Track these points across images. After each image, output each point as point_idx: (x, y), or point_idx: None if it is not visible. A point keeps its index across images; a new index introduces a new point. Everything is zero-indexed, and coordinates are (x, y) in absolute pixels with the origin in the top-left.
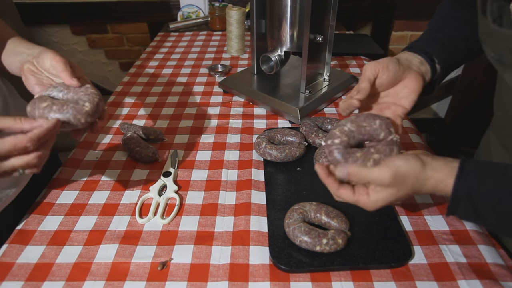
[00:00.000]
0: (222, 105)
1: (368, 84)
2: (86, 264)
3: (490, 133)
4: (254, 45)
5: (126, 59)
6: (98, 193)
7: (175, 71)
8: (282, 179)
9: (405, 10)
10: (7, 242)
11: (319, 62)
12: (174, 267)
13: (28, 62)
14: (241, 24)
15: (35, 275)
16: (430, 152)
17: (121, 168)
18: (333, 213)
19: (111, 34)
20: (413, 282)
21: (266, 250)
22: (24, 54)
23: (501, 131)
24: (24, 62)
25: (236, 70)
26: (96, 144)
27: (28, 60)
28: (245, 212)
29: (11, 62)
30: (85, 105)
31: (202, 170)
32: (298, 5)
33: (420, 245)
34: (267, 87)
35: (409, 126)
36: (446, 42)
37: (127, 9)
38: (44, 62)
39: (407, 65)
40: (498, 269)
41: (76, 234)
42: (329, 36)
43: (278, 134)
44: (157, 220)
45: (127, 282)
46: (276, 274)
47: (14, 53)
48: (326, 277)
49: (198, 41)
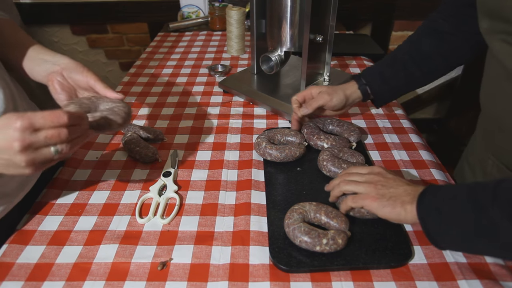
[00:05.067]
0: (222, 105)
1: (312, 110)
2: (86, 264)
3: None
4: (254, 45)
5: (126, 59)
6: (98, 193)
7: (175, 71)
8: (282, 179)
9: (405, 10)
10: (7, 242)
11: (319, 62)
12: (174, 267)
13: (57, 73)
14: (241, 24)
15: (35, 275)
16: (430, 152)
17: (121, 168)
18: (333, 213)
19: (111, 34)
20: (413, 282)
21: (266, 250)
22: (48, 62)
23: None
24: (51, 72)
25: (236, 70)
26: (96, 144)
27: (56, 71)
28: (245, 212)
29: (35, 70)
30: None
31: (202, 170)
32: (298, 5)
33: (420, 245)
34: (267, 87)
35: (409, 126)
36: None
37: (127, 9)
38: (78, 79)
39: (350, 102)
40: (498, 269)
41: (76, 234)
42: (329, 36)
43: (278, 134)
44: (157, 220)
45: (127, 282)
46: (276, 274)
47: (37, 61)
48: (326, 277)
49: (198, 41)
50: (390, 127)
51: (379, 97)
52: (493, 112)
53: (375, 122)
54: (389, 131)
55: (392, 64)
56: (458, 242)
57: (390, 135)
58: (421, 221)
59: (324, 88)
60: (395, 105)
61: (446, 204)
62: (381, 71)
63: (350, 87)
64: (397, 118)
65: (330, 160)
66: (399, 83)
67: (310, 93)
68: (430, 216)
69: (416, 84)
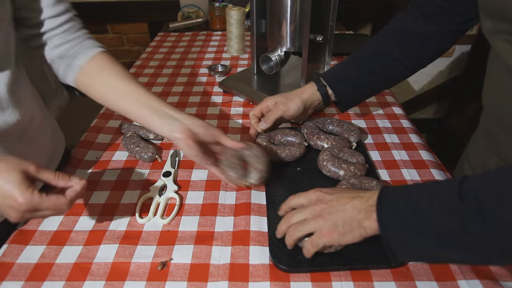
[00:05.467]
0: (222, 105)
1: (270, 123)
2: (86, 264)
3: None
4: (254, 45)
5: (126, 59)
6: (98, 193)
7: (175, 71)
8: (282, 179)
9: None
10: (7, 242)
11: (319, 62)
12: (174, 267)
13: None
14: (241, 24)
15: (35, 275)
16: (430, 152)
17: (121, 168)
18: None
19: (111, 34)
20: (413, 282)
21: (266, 250)
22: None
23: (489, 125)
24: (183, 130)
25: (236, 70)
26: (96, 144)
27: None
28: (245, 212)
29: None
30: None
31: (202, 170)
32: (298, 5)
33: None
34: (267, 87)
35: (409, 126)
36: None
37: (127, 9)
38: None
39: (309, 105)
40: (498, 269)
41: (76, 234)
42: (329, 36)
43: (279, 134)
44: (157, 220)
45: (127, 282)
46: (276, 274)
47: (161, 113)
48: (326, 277)
49: (198, 41)
50: (390, 127)
51: (342, 100)
52: (496, 112)
53: (375, 122)
54: (389, 131)
55: (354, 65)
56: (424, 250)
57: (390, 135)
58: (382, 233)
59: (279, 98)
60: (395, 105)
61: (410, 211)
62: (343, 71)
63: (307, 91)
64: (397, 118)
65: (330, 160)
66: (363, 84)
67: (266, 106)
68: (392, 225)
69: (380, 86)
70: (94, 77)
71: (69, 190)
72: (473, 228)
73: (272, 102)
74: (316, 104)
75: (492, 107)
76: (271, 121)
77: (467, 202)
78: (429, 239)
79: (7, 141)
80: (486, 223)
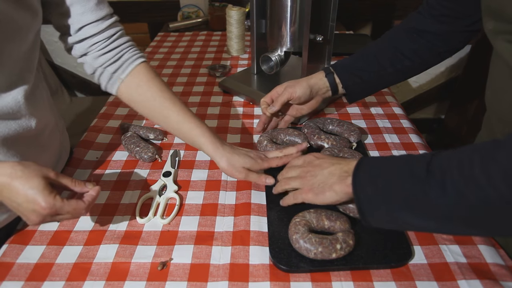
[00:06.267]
0: (222, 105)
1: (279, 107)
2: (86, 264)
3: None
4: (254, 45)
5: None
6: None
7: (175, 71)
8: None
9: (405, 10)
10: (7, 242)
11: (319, 62)
12: (174, 267)
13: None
14: (241, 24)
15: (35, 275)
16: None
17: (121, 168)
18: (333, 215)
19: None
20: (413, 282)
21: (266, 250)
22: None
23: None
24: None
25: (236, 70)
26: (96, 144)
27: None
28: (245, 212)
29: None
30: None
31: (202, 170)
32: (298, 5)
33: (420, 245)
34: (267, 87)
35: (409, 126)
36: (363, 70)
37: (127, 9)
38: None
39: (316, 91)
40: (498, 269)
41: (76, 234)
42: (329, 36)
43: (282, 134)
44: (157, 220)
45: (127, 282)
46: (276, 274)
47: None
48: (326, 277)
49: (198, 41)
50: (390, 127)
51: (350, 90)
52: (500, 112)
53: (375, 122)
54: (389, 131)
55: (363, 58)
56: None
57: (390, 135)
58: (355, 197)
59: (288, 83)
60: (395, 105)
61: (382, 178)
62: (352, 63)
63: (315, 76)
64: (397, 118)
65: None
66: (371, 77)
67: (276, 92)
68: (364, 191)
69: (388, 80)
70: (134, 93)
71: (86, 195)
72: (433, 196)
73: (281, 88)
74: (323, 92)
75: (495, 107)
76: (279, 104)
77: (433, 173)
78: (396, 203)
79: (20, 147)
80: (445, 193)
